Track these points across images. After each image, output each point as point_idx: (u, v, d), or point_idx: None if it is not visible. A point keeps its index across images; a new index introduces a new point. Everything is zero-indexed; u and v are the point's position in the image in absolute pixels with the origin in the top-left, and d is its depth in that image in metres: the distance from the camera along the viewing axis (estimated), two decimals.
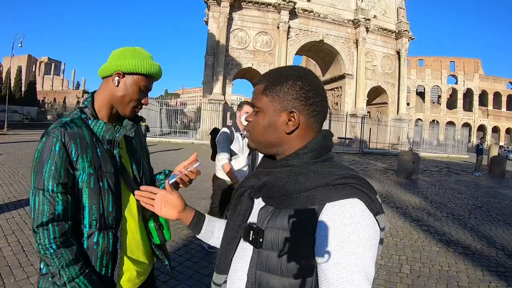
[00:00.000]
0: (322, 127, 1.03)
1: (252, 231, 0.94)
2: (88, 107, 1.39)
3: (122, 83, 1.37)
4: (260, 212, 0.96)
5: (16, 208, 5.86)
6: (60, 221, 1.22)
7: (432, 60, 69.14)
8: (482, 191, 10.95)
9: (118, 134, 1.38)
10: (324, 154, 0.97)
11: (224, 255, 1.03)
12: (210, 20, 26.84)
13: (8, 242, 4.37)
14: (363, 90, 29.84)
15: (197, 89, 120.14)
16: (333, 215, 0.82)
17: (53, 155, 1.22)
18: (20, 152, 13.38)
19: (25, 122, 38.76)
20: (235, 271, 0.99)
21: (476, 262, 4.67)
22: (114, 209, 1.34)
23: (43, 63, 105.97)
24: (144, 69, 1.37)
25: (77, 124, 1.31)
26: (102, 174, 1.31)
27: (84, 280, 1.22)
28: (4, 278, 3.42)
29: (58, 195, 1.22)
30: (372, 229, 0.82)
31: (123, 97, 1.38)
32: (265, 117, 0.98)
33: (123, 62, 1.35)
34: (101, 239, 1.30)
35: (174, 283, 3.59)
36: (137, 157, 1.55)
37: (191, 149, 18.78)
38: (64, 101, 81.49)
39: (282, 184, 0.90)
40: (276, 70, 1.03)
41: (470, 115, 65.92)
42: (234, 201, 1.07)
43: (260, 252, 0.91)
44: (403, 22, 31.30)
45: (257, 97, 1.01)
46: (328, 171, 0.89)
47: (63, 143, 1.24)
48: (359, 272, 0.76)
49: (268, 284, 0.88)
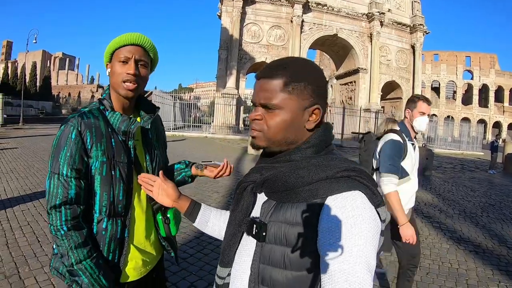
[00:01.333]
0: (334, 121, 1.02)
1: (255, 225, 0.95)
2: (106, 99, 1.45)
3: (110, 70, 1.43)
4: (263, 207, 0.96)
5: (32, 200, 6.00)
6: (72, 205, 1.28)
7: (447, 55, 68.05)
8: (496, 189, 10.80)
9: (133, 126, 1.42)
10: (325, 147, 0.98)
11: (228, 249, 1.04)
12: (223, 14, 26.80)
13: (24, 232, 4.49)
14: (377, 84, 29.53)
15: (210, 83, 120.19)
16: (335, 208, 0.83)
17: (69, 142, 1.29)
18: (35, 146, 13.64)
19: (40, 116, 39.26)
20: (239, 265, 1.01)
21: (486, 260, 4.63)
22: (124, 198, 1.39)
23: (58, 58, 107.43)
24: (113, 45, 1.41)
25: (94, 115, 1.37)
26: (115, 163, 1.36)
27: (90, 263, 1.27)
28: (19, 268, 3.52)
29: (72, 180, 1.28)
30: (374, 221, 0.83)
31: (112, 79, 1.42)
32: (286, 114, 0.94)
33: (105, 54, 1.44)
34: (110, 226, 1.36)
35: (184, 274, 3.65)
36: (152, 148, 1.58)
37: (200, 142, 18.89)
38: (79, 96, 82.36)
39: (284, 179, 0.91)
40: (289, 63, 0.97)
41: (486, 112, 64.69)
42: (237, 196, 1.08)
43: (263, 245, 0.92)
44: (418, 16, 30.82)
45: (272, 94, 0.94)
46: (329, 164, 0.90)
47: (79, 131, 1.30)
48: (361, 264, 0.77)
49: (271, 277, 0.89)
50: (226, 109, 25.60)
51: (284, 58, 1.01)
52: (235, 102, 26.00)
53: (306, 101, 0.94)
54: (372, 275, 0.79)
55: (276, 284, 0.89)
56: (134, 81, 1.39)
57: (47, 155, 8.74)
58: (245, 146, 16.69)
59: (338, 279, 0.76)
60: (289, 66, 0.96)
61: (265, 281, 0.91)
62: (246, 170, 10.88)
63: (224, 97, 25.77)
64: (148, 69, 1.47)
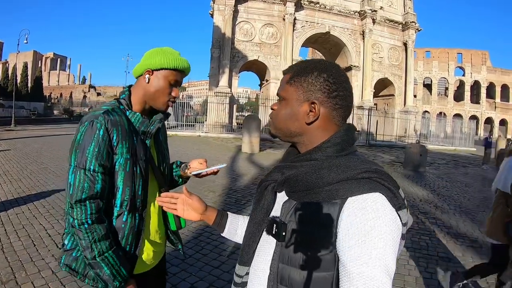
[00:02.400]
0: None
1: (275, 224, 0.96)
2: (125, 99, 1.52)
3: (153, 79, 1.49)
4: (283, 206, 0.97)
5: (26, 203, 5.93)
6: (96, 199, 1.34)
7: (439, 52, 68.51)
8: (489, 184, 10.85)
9: (152, 126, 1.52)
10: (347, 148, 0.97)
11: (247, 248, 1.05)
12: (216, 12, 26.68)
13: (19, 236, 4.43)
14: (370, 82, 29.63)
15: (203, 82, 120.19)
16: (355, 209, 0.82)
17: (96, 139, 1.34)
18: (28, 148, 13.50)
19: (32, 117, 38.94)
20: (258, 264, 1.02)
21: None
22: (142, 193, 1.47)
23: (49, 58, 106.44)
24: (170, 64, 1.47)
25: (117, 113, 1.44)
26: (136, 160, 1.44)
27: (112, 255, 1.33)
28: (15, 273, 3.46)
29: (99, 175, 1.34)
30: (394, 223, 0.82)
31: (155, 92, 1.49)
32: (288, 106, 1.00)
33: (151, 61, 1.47)
34: (129, 219, 1.43)
35: (184, 275, 3.62)
36: (162, 148, 1.70)
37: (194, 141, 18.84)
38: (71, 96, 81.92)
39: (305, 178, 0.91)
40: (304, 61, 1.04)
41: (478, 108, 65.22)
42: (258, 195, 1.08)
43: (282, 245, 0.93)
44: (410, 13, 30.95)
45: (282, 86, 1.04)
46: (350, 165, 0.89)
47: (107, 129, 1.36)
48: (380, 267, 0.76)
49: (290, 276, 0.89)
50: (219, 107, 25.55)
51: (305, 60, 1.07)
52: (228, 101, 25.96)
53: (304, 95, 0.98)
54: (391, 279, 0.78)
55: (294, 284, 0.89)
56: (174, 101, 1.57)
57: (40, 156, 8.70)
58: (239, 144, 16.67)
59: (357, 282, 0.76)
60: (300, 63, 1.04)
61: (284, 281, 0.91)
62: (240, 168, 10.91)
63: (217, 96, 25.70)
64: None
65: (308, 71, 0.98)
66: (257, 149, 15.45)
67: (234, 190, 7.76)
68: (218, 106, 25.54)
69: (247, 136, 15.44)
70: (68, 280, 3.35)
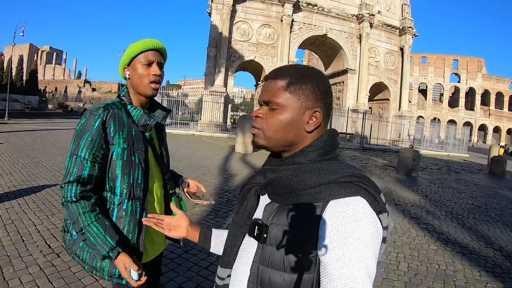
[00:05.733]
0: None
1: (257, 226, 0.96)
2: (126, 96, 1.65)
3: (131, 72, 1.60)
4: (265, 209, 0.97)
5: (16, 197, 5.87)
6: (84, 183, 1.45)
7: (435, 57, 68.93)
8: (481, 191, 10.94)
9: (152, 119, 1.63)
10: (330, 152, 0.98)
11: (229, 250, 1.05)
12: (213, 11, 26.65)
13: (8, 231, 4.38)
14: (366, 85, 29.72)
15: (198, 80, 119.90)
16: (336, 212, 0.83)
17: (91, 129, 1.46)
18: (21, 142, 13.39)
19: (26, 111, 38.70)
20: (239, 266, 1.02)
21: (474, 262, 4.69)
22: (142, 182, 1.57)
23: (45, 52, 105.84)
24: (135, 50, 1.56)
25: (117, 106, 1.57)
26: (134, 150, 1.55)
27: (96, 224, 1.42)
28: (3, 268, 3.42)
29: (88, 162, 1.45)
30: (374, 227, 0.83)
31: (137, 80, 1.59)
32: (287, 114, 0.96)
33: (123, 59, 1.61)
34: (130, 206, 1.54)
35: (172, 275, 3.60)
36: (164, 142, 1.84)
37: (188, 139, 18.80)
38: (66, 91, 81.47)
39: (288, 182, 0.91)
40: (297, 67, 1.02)
41: (472, 114, 65.82)
42: (241, 198, 1.08)
43: (263, 247, 0.93)
44: (407, 18, 31.08)
45: (276, 93, 0.97)
46: (333, 169, 0.90)
47: (103, 121, 1.48)
48: (360, 269, 0.77)
49: (270, 279, 0.90)
50: (214, 106, 25.54)
51: (292, 64, 1.07)
52: (223, 100, 25.93)
53: (307, 103, 0.97)
54: (372, 281, 0.79)
55: (274, 286, 0.89)
56: (158, 81, 1.61)
57: (33, 150, 8.67)
58: (233, 144, 16.66)
59: (337, 284, 0.76)
60: (295, 69, 1.00)
61: (263, 283, 0.91)
62: (233, 168, 10.88)
63: (212, 95, 25.69)
64: (163, 70, 1.67)
65: (309, 79, 0.98)
66: (251, 149, 15.40)
67: (225, 190, 7.73)
68: (213, 105, 25.53)
69: (241, 136, 15.41)
70: (55, 277, 3.32)
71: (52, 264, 3.60)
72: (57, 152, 11.31)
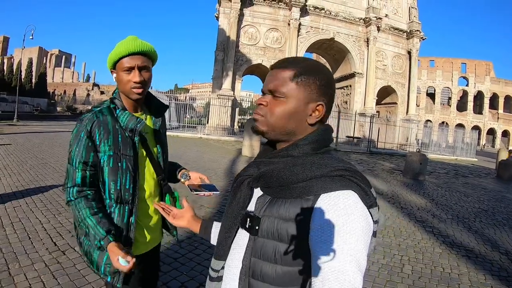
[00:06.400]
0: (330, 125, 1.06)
1: (249, 218, 0.97)
2: (117, 98, 1.65)
3: (116, 76, 1.60)
4: (258, 201, 0.98)
5: (24, 196, 5.96)
6: (79, 186, 1.53)
7: (443, 61, 68.53)
8: (489, 195, 10.84)
9: (139, 125, 1.59)
10: (323, 146, 0.99)
11: (223, 242, 1.06)
12: (221, 15, 26.74)
13: (15, 229, 4.44)
14: (373, 89, 29.58)
15: (206, 84, 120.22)
16: (327, 205, 0.84)
17: (77, 140, 1.52)
18: (29, 143, 13.53)
19: (35, 113, 39.06)
20: (233, 258, 1.03)
21: (479, 265, 4.64)
22: (131, 187, 1.59)
23: (54, 55, 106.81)
24: (113, 57, 1.56)
25: (103, 114, 1.57)
26: (121, 156, 1.56)
27: (91, 217, 1.48)
28: (9, 264, 3.48)
29: (79, 170, 1.52)
30: (365, 220, 0.84)
31: (120, 85, 1.60)
32: (291, 104, 0.97)
33: (108, 62, 1.60)
34: (117, 210, 1.57)
35: (175, 274, 3.63)
36: (162, 142, 1.82)
37: (195, 142, 18.85)
38: (74, 94, 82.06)
39: (280, 175, 0.93)
40: (305, 59, 1.03)
41: (480, 118, 65.18)
42: (234, 189, 1.10)
43: (255, 239, 0.94)
44: (414, 22, 30.92)
45: (282, 82, 0.98)
46: (324, 163, 0.91)
47: (88, 131, 1.51)
48: (351, 262, 0.77)
49: (262, 271, 0.91)
50: (221, 110, 25.56)
51: (298, 56, 1.07)
52: (231, 104, 25.94)
53: (312, 96, 0.98)
54: (363, 274, 0.79)
55: (266, 278, 0.90)
56: (140, 87, 1.57)
57: (40, 152, 8.75)
58: (240, 147, 16.66)
59: (329, 276, 0.77)
60: (302, 61, 1.01)
61: (255, 275, 0.92)
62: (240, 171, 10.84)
63: (219, 98, 25.70)
64: (150, 71, 1.63)
65: (316, 72, 0.99)
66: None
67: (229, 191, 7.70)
68: (220, 108, 25.56)
69: (248, 139, 15.42)
70: (60, 273, 3.37)
71: (57, 261, 3.65)
72: (65, 153, 11.29)
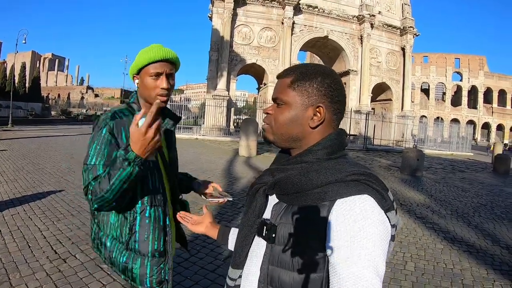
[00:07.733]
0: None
1: (265, 226, 0.97)
2: (135, 102, 1.62)
3: (140, 81, 1.55)
4: (273, 209, 0.98)
5: (21, 204, 5.89)
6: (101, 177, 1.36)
7: (437, 56, 68.89)
8: (486, 189, 10.90)
9: (162, 125, 1.59)
10: (338, 151, 0.98)
11: (240, 250, 1.06)
12: (214, 15, 26.74)
13: (14, 237, 4.39)
14: (368, 86, 29.75)
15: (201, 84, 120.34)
16: (344, 210, 0.83)
17: (98, 138, 1.44)
18: (24, 149, 13.45)
19: (29, 118, 38.88)
20: (250, 266, 1.02)
21: (481, 260, 4.66)
22: (160, 187, 1.56)
23: (47, 59, 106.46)
24: (142, 61, 1.51)
25: (124, 114, 1.54)
26: None
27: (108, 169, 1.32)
28: (9, 274, 3.42)
29: (100, 166, 1.41)
30: (382, 225, 0.82)
31: (145, 91, 1.55)
32: (291, 110, 0.99)
33: (132, 67, 1.57)
34: (152, 213, 1.53)
35: (179, 279, 3.59)
36: (173, 149, 1.81)
37: (191, 143, 18.81)
38: (68, 97, 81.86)
39: (295, 181, 0.92)
40: (303, 65, 1.04)
41: (475, 113, 65.55)
42: (249, 198, 1.09)
43: (272, 247, 0.93)
44: (408, 18, 31.10)
45: (282, 91, 1.02)
46: (340, 167, 0.90)
47: (111, 128, 1.45)
48: (369, 268, 0.76)
49: (280, 278, 0.90)
50: (216, 110, 25.58)
51: (300, 64, 1.09)
52: (226, 104, 25.99)
53: (310, 99, 0.98)
54: (381, 280, 0.78)
55: (284, 285, 0.90)
56: (166, 94, 1.54)
57: (36, 157, 8.67)
58: (236, 148, 16.66)
59: (346, 282, 0.76)
60: (301, 67, 1.03)
61: (273, 282, 0.92)
62: (237, 172, 10.88)
63: (214, 99, 25.73)
64: (174, 79, 1.60)
65: (312, 76, 0.99)
66: (254, 152, 15.43)
67: (230, 193, 7.65)
68: (215, 109, 25.58)
69: (245, 140, 15.42)
70: (62, 282, 3.32)
71: (58, 269, 3.60)
72: (61, 158, 11.35)
